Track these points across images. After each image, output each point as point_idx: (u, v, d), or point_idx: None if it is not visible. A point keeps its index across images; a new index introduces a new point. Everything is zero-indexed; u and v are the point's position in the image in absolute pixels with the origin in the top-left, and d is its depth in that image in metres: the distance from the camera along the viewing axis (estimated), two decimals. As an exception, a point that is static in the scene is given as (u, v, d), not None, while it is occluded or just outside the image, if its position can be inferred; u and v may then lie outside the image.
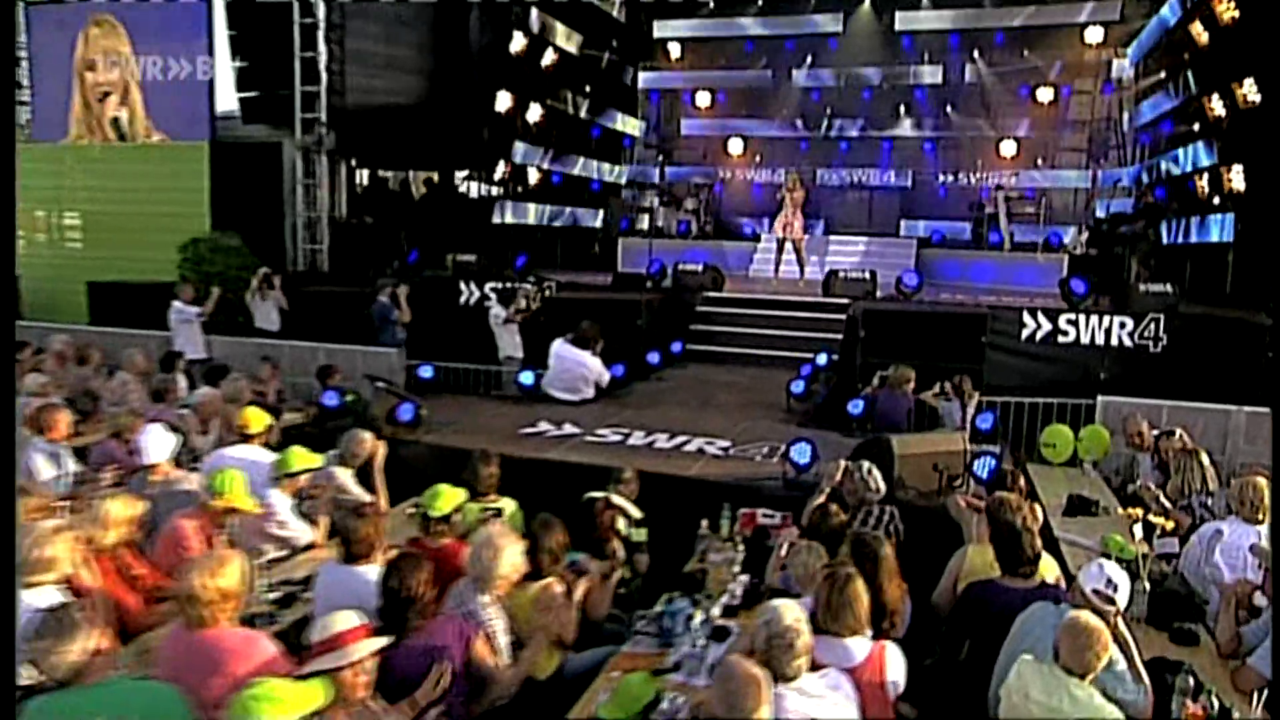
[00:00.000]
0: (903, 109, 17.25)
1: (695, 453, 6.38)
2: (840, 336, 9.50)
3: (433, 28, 12.88)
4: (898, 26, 16.87)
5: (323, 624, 2.97)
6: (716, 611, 4.06)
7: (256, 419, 5.73)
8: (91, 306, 11.20)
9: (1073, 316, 9.00)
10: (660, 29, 18.36)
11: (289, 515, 4.96)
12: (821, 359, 8.84)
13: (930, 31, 16.81)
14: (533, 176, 16.06)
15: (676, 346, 9.72)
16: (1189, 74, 12.86)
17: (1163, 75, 14.10)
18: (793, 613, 2.97)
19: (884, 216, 16.31)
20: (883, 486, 4.76)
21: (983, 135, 16.90)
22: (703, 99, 18.43)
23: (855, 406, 6.86)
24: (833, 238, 15.02)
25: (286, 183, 12.07)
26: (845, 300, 9.90)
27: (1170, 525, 4.35)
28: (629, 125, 18.84)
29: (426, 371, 8.11)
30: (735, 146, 18.30)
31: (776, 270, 12.59)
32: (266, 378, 8.27)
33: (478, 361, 9.29)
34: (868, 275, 10.69)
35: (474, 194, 15.66)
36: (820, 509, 4.49)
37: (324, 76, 11.82)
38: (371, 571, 3.84)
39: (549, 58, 15.46)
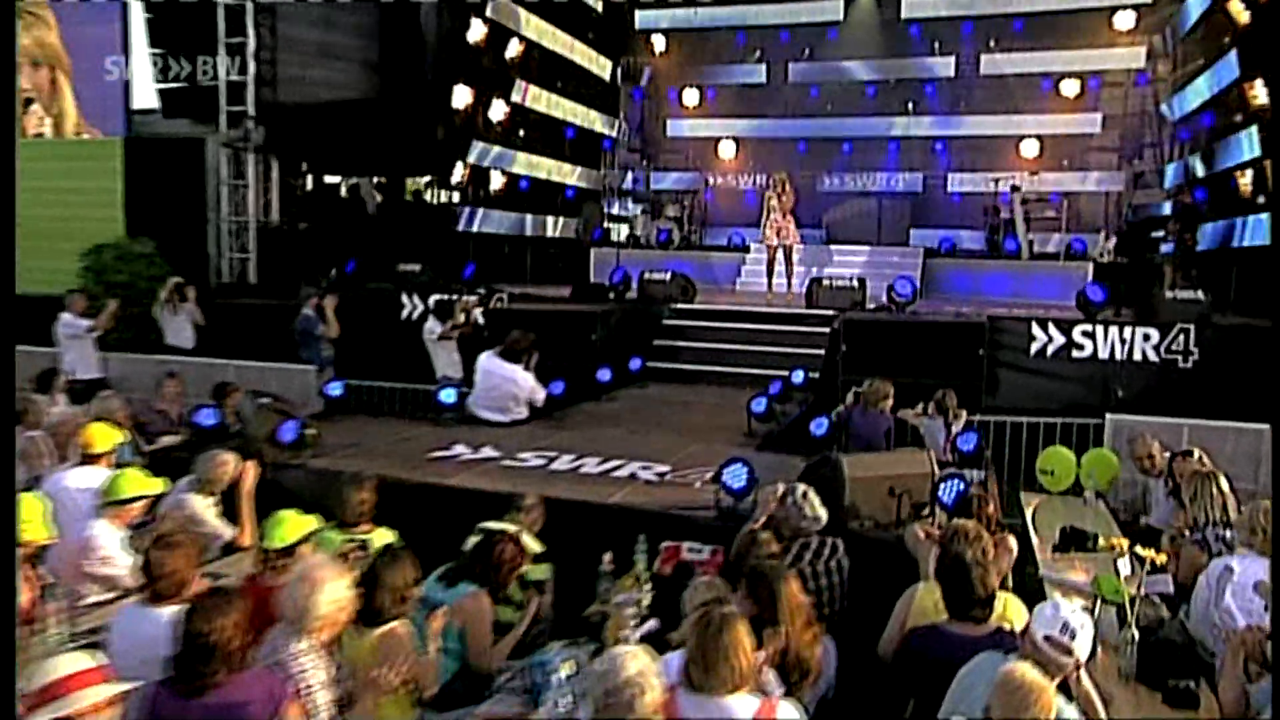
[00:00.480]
0: (911, 106, 17.11)
1: (626, 478, 6.04)
2: (823, 352, 9.16)
3: (378, 12, 12.76)
4: (904, 14, 16.80)
5: (41, 669, 2.60)
6: (601, 665, 3.61)
7: (102, 437, 5.38)
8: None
9: (1089, 328, 8.71)
10: (643, 19, 18.34)
11: (116, 550, 4.56)
12: (798, 376, 8.50)
13: (940, 19, 16.71)
14: (496, 181, 15.83)
15: (635, 363, 9.40)
16: (1229, 59, 12.53)
17: (1201, 62, 13.79)
18: (638, 663, 2.55)
19: (892, 225, 16.08)
20: (821, 514, 4.35)
21: (1001, 134, 16.68)
22: (690, 97, 18.36)
23: (819, 426, 6.49)
24: (834, 248, 14.70)
25: (210, 184, 11.83)
26: (830, 312, 9.56)
27: (1162, 559, 3.91)
28: (608, 126, 18.64)
29: (335, 389, 7.78)
30: (726, 149, 18.11)
31: (770, 282, 12.27)
32: (171, 398, 7.91)
33: (417, 381, 9.04)
34: (856, 283, 10.37)
35: (439, 200, 15.47)
36: (749, 539, 4.11)
37: (252, 65, 11.61)
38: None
39: (514, 49, 15.30)
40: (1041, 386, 8.62)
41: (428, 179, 15.26)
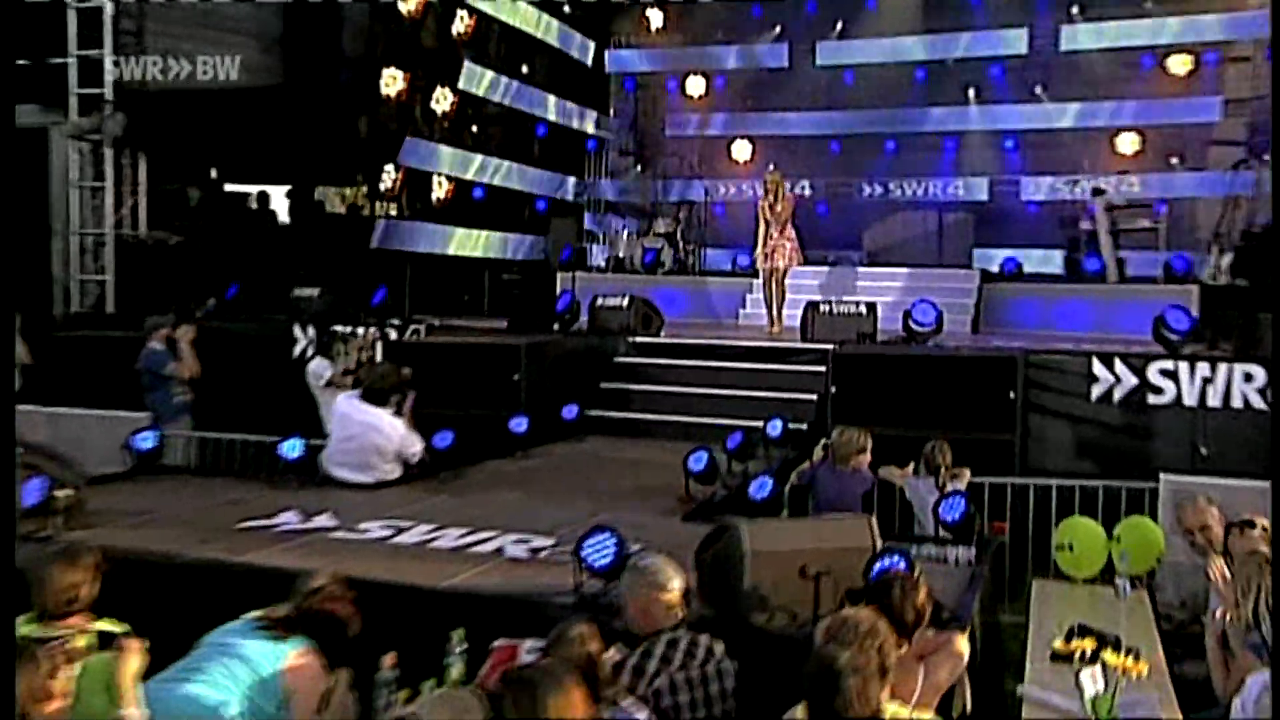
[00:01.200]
0: (972, 93, 16.87)
1: (488, 555, 5.63)
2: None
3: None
4: (962, -24, 16.66)
5: None
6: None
7: None
8: None
9: (1170, 365, 8.34)
10: (635, -10, 18.34)
11: None
12: (774, 427, 8.11)
13: (1009, -18, 16.51)
14: (440, 189, 15.68)
15: (569, 411, 9.04)
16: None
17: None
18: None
19: (950, 244, 15.69)
20: (677, 593, 3.87)
21: (1089, 126, 16.30)
22: (695, 85, 18.27)
23: (760, 488, 6.06)
24: (862, 271, 14.38)
25: (56, 186, 11.73)
26: (828, 346, 9.24)
27: (1143, 669, 3.37)
28: (593, 122, 18.62)
29: (146, 441, 7.45)
30: (740, 150, 18.00)
31: (771, 314, 11.95)
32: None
33: (304, 434, 8.77)
34: (864, 309, 10.02)
35: (374, 212, 15.40)
36: (557, 634, 3.65)
37: (110, 36, 11.55)
38: None
39: (463, 23, 15.24)
40: (1103, 442, 8.34)
41: (359, 187, 15.09)
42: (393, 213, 15.37)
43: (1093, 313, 12.70)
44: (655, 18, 18.19)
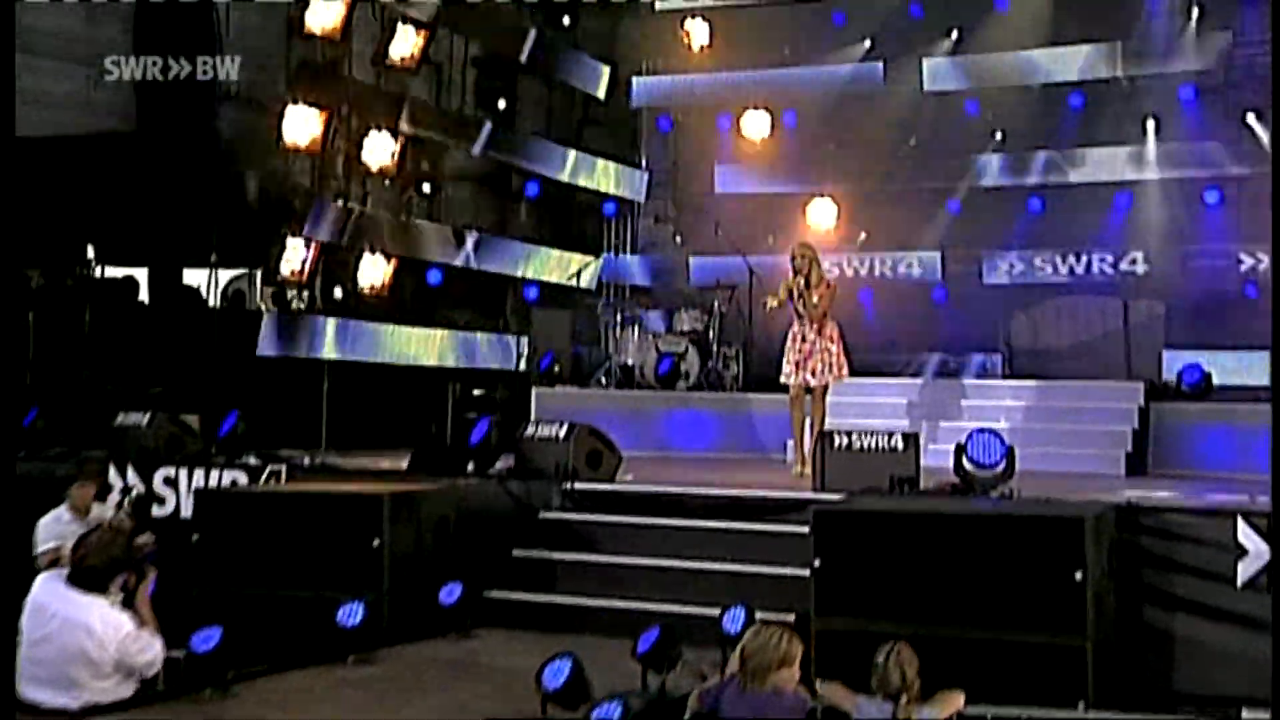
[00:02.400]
0: (1152, 125, 16.74)
1: None
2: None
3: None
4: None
5: None
6: None
7: None
8: None
9: None
10: (666, -2, 18.72)
11: None
12: (733, 619, 7.79)
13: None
14: (373, 273, 15.68)
15: (450, 593, 8.88)
16: None
17: None
18: None
19: (1135, 344, 15.17)
20: None
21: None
22: (755, 124, 18.38)
23: (607, 715, 5.81)
24: (972, 385, 14.22)
25: None
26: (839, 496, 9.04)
27: None
28: (610, 178, 18.76)
29: None
30: (821, 213, 17.89)
31: (801, 448, 11.65)
32: None
33: None
34: (899, 442, 9.69)
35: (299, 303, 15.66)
36: None
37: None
38: None
39: (406, 45, 15.36)
40: (1253, 649, 7.65)
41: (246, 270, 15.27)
42: (305, 301, 15.55)
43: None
44: (698, 31, 18.21)
